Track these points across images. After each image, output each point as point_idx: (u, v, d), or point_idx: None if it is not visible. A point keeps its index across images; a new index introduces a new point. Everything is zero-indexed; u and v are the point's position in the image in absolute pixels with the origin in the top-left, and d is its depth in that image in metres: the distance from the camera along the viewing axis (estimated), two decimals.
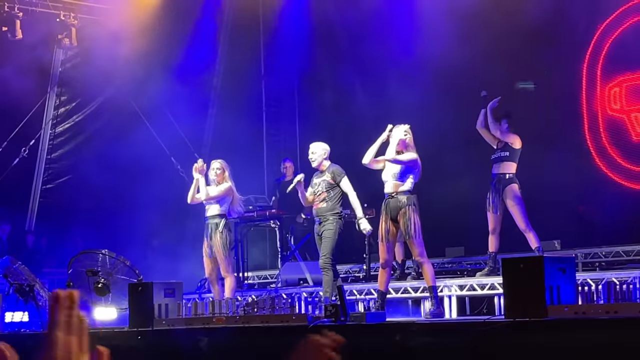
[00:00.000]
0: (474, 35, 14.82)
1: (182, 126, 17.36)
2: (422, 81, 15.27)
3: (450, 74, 15.00)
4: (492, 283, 11.11)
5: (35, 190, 17.14)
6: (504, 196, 11.21)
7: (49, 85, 17.03)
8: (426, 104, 14.95)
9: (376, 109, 16.36)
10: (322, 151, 11.18)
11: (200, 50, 17.68)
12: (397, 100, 15.46)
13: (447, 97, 15.11)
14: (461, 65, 14.79)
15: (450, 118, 14.57)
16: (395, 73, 15.63)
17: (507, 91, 14.07)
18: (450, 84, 15.11)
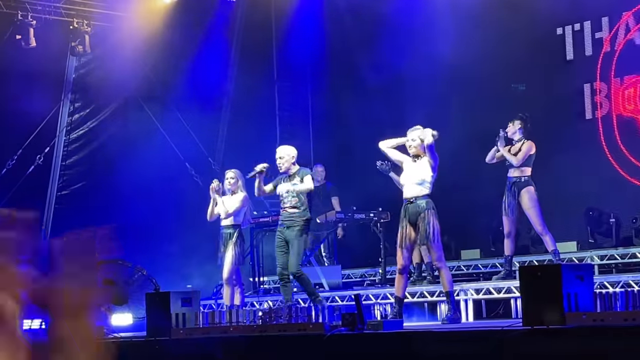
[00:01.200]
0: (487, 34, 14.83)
1: (196, 131, 17.40)
2: (437, 83, 15.27)
3: (465, 75, 15.00)
4: (509, 286, 11.10)
5: (50, 197, 17.18)
6: (520, 199, 11.19)
7: (63, 92, 17.07)
8: (441, 106, 14.95)
9: (391, 112, 16.36)
10: (290, 156, 11.09)
11: (213, 56, 17.72)
12: (412, 103, 15.47)
13: (463, 99, 15.11)
14: (477, 65, 14.79)
15: (466, 120, 14.57)
16: (410, 75, 15.63)
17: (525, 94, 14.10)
18: (466, 85, 15.10)
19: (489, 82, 14.88)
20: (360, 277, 14.85)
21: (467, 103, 15.00)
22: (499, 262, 12.90)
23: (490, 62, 14.83)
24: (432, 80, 15.34)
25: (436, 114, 14.39)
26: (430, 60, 15.30)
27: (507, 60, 14.72)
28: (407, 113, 15.76)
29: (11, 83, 15.66)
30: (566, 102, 14.19)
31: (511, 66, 14.68)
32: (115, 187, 16.44)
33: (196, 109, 17.34)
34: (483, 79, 14.90)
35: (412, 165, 9.62)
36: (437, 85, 15.31)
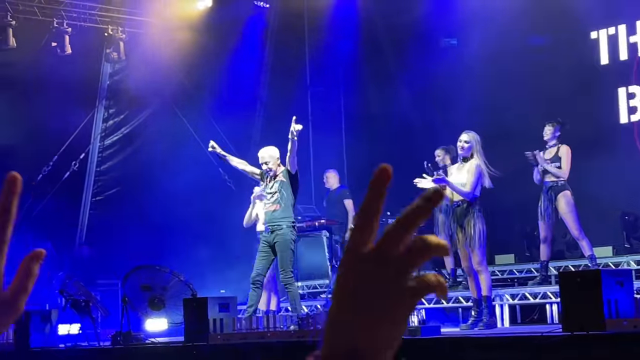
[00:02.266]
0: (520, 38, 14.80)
1: (229, 136, 17.46)
2: (469, 86, 15.25)
3: (497, 78, 14.97)
4: (545, 292, 11.06)
5: (85, 202, 17.31)
6: (557, 204, 11.13)
7: (98, 99, 17.21)
8: (473, 109, 14.92)
9: (423, 117, 16.37)
10: (275, 157, 10.93)
11: (246, 61, 17.79)
12: (445, 107, 15.47)
13: (495, 102, 15.08)
14: (509, 68, 14.76)
15: (499, 123, 14.53)
16: (443, 79, 15.62)
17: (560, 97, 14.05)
18: (498, 88, 15.06)
19: (521, 85, 14.83)
20: None
21: (499, 106, 14.95)
22: (534, 267, 12.86)
23: (523, 66, 14.79)
24: (464, 84, 15.32)
25: (468, 117, 14.36)
26: (463, 64, 15.30)
27: (540, 64, 14.68)
28: (439, 117, 15.77)
29: (47, 90, 15.81)
30: (601, 107, 14.13)
31: (545, 70, 14.63)
32: (149, 193, 16.53)
33: (229, 114, 17.40)
34: (514, 81, 14.86)
35: (458, 168, 9.61)
36: (469, 88, 15.28)
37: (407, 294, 1.23)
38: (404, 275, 1.23)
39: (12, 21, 15.44)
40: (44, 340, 10.28)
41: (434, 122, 16.05)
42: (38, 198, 16.06)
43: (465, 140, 9.60)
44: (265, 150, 10.94)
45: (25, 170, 16.06)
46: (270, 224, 10.58)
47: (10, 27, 15.41)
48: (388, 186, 1.29)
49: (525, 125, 13.18)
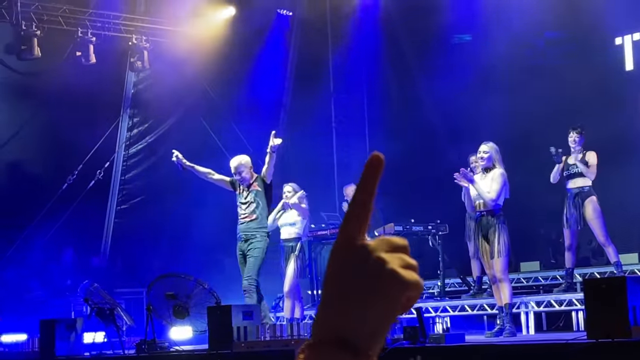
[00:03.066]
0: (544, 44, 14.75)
1: (253, 144, 17.48)
2: (492, 93, 15.21)
3: (520, 85, 14.92)
4: (570, 299, 11.00)
5: (110, 211, 17.37)
6: (584, 210, 11.06)
7: (122, 108, 17.28)
8: (496, 117, 14.88)
9: (446, 123, 16.34)
10: (248, 167, 10.96)
11: (270, 69, 17.83)
12: (469, 113, 15.43)
13: (518, 109, 15.03)
14: (531, 77, 14.72)
15: (522, 131, 14.49)
16: (466, 87, 15.58)
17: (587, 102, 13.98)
18: (520, 96, 15.02)
19: (544, 90, 14.78)
20: None
21: (522, 112, 14.90)
22: (559, 274, 12.79)
23: (546, 72, 14.74)
24: (488, 90, 15.29)
25: (491, 125, 14.33)
26: (486, 70, 15.26)
27: (564, 69, 14.62)
28: (462, 125, 15.73)
29: (71, 99, 15.89)
30: (625, 112, 14.05)
31: (569, 75, 14.56)
32: (174, 201, 16.59)
33: (253, 122, 17.43)
34: (538, 87, 14.81)
35: (481, 178, 9.59)
36: (492, 94, 15.24)
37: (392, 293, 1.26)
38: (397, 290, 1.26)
39: (37, 31, 15.54)
40: (69, 349, 10.32)
41: (458, 128, 16.01)
42: (63, 207, 16.14)
43: (484, 151, 9.60)
44: (236, 160, 10.97)
45: (51, 179, 16.18)
46: (245, 233, 10.67)
47: (35, 37, 15.52)
48: (380, 173, 1.31)
49: (548, 131, 13.12)
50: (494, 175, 9.49)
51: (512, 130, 14.55)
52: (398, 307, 1.30)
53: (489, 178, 9.50)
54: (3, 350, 11.41)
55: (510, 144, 13.28)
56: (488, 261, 9.51)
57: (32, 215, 15.89)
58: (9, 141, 16.13)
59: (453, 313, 12.24)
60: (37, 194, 15.94)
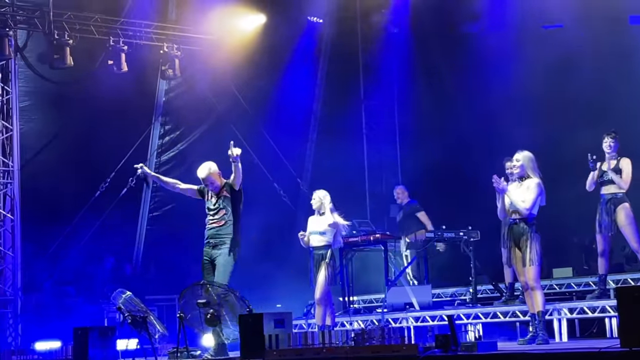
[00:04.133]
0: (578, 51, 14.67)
1: (284, 152, 17.53)
2: (524, 101, 15.16)
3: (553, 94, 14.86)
4: (603, 306, 10.92)
5: (142, 218, 17.47)
6: (616, 216, 10.99)
7: (154, 115, 17.38)
8: (529, 123, 14.83)
9: (478, 130, 16.28)
10: (216, 173, 10.89)
11: (301, 76, 17.86)
12: (499, 122, 15.37)
13: (549, 116, 14.98)
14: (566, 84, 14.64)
15: (555, 138, 14.43)
16: (497, 94, 15.54)
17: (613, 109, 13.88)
18: (554, 103, 14.95)
19: (576, 95, 14.71)
20: (450, 297, 14.76)
21: (554, 118, 14.85)
22: (592, 280, 12.71)
23: (578, 77, 14.64)
24: (519, 99, 15.24)
25: (523, 132, 14.27)
26: (517, 80, 15.20)
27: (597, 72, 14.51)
28: (494, 132, 15.67)
29: (104, 108, 16.00)
30: None
31: (600, 81, 14.47)
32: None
33: (284, 129, 17.48)
34: (570, 91, 14.73)
35: (516, 186, 9.55)
36: (524, 103, 15.20)
37: None
38: None
39: (69, 40, 15.66)
40: (102, 356, 10.36)
41: (488, 135, 15.96)
42: (95, 214, 16.23)
43: (517, 160, 9.55)
44: (205, 170, 10.90)
45: (83, 187, 16.28)
46: (214, 239, 10.62)
47: (67, 46, 15.64)
48: None
49: (580, 136, 13.03)
50: (529, 184, 9.43)
51: (544, 137, 14.48)
52: None
53: (525, 187, 9.45)
54: (37, 358, 11.48)
55: (543, 150, 13.21)
56: (520, 269, 9.47)
57: (65, 223, 16.00)
58: (42, 150, 16.26)
59: (485, 320, 12.19)
60: (70, 202, 16.06)
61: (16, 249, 15.24)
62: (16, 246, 15.26)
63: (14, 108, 15.56)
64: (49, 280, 15.90)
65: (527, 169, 9.49)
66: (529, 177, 9.49)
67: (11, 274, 15.15)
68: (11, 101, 15.53)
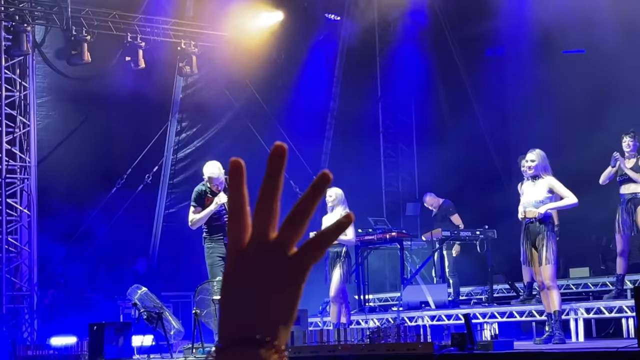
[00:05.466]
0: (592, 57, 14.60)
1: (300, 149, 17.50)
2: (541, 96, 15.10)
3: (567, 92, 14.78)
4: (620, 306, 10.86)
5: (158, 215, 17.48)
6: (636, 216, 10.93)
7: (171, 112, 17.38)
8: (545, 123, 14.77)
9: (495, 130, 16.24)
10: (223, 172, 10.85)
11: (317, 74, 17.84)
12: (517, 121, 15.33)
13: (569, 113, 14.91)
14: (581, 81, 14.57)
15: (573, 134, 14.38)
16: (514, 91, 15.49)
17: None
18: (571, 100, 14.88)
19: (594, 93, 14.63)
20: (466, 296, 14.71)
21: (571, 116, 14.79)
22: (609, 280, 12.65)
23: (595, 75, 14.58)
24: (536, 98, 15.18)
25: (540, 131, 14.23)
26: (534, 76, 15.15)
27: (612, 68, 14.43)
28: (511, 131, 15.62)
29: (120, 104, 16.02)
30: None
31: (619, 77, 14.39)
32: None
33: (301, 126, 17.45)
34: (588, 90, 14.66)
35: (531, 185, 9.50)
36: (540, 102, 15.13)
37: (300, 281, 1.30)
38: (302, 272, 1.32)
39: (87, 36, 15.68)
40: (117, 352, 10.39)
41: (506, 134, 15.92)
42: (111, 211, 16.25)
43: (531, 160, 9.48)
44: (218, 170, 10.96)
45: (100, 183, 16.31)
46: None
47: (85, 42, 15.65)
48: (284, 164, 1.34)
49: (598, 134, 12.97)
50: (551, 182, 9.38)
51: (561, 135, 14.43)
52: (300, 294, 1.34)
53: (541, 186, 9.39)
54: (53, 353, 11.51)
55: (559, 149, 13.18)
56: (536, 268, 9.43)
57: (81, 219, 16.02)
58: (59, 146, 16.28)
59: (501, 319, 12.15)
60: (87, 198, 16.08)
61: (32, 245, 15.28)
62: (32, 242, 15.29)
63: (32, 104, 15.59)
64: (65, 276, 15.94)
65: (542, 168, 9.45)
66: (542, 176, 9.43)
67: (27, 270, 15.18)
68: (28, 97, 15.55)
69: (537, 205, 9.38)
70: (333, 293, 11.39)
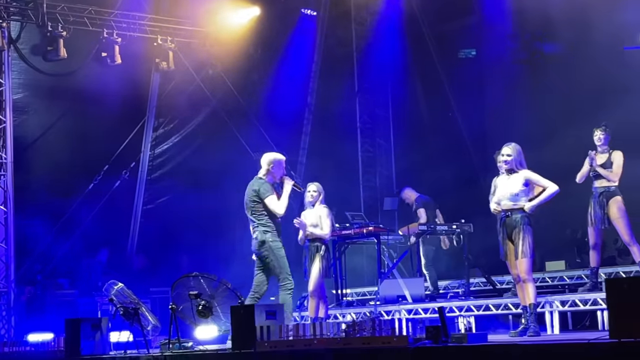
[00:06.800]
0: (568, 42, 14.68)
1: (278, 144, 17.49)
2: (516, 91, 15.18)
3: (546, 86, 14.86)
4: (595, 299, 10.94)
5: (136, 211, 17.46)
6: (608, 210, 10.99)
7: (148, 108, 17.36)
8: (522, 115, 14.85)
9: (472, 125, 16.30)
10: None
11: (295, 69, 17.85)
12: (492, 115, 15.39)
13: (545, 108, 14.99)
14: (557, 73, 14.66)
15: (549, 128, 14.44)
16: (491, 85, 15.56)
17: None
18: (546, 94, 14.96)
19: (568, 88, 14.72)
20: (444, 289, 14.78)
21: (547, 111, 14.87)
22: (585, 273, 12.73)
23: (569, 71, 14.65)
24: (512, 94, 15.26)
25: (517, 126, 14.29)
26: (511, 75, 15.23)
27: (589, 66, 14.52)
28: (489, 126, 15.69)
29: (97, 100, 16.00)
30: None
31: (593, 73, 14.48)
32: (200, 201, 16.61)
33: (278, 122, 17.46)
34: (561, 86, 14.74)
35: (506, 179, 9.53)
36: (515, 92, 15.22)
37: None
38: None
39: (63, 32, 15.64)
40: (94, 348, 10.36)
41: (483, 129, 15.97)
42: (89, 207, 16.22)
43: (507, 154, 9.51)
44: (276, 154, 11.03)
45: (77, 179, 16.27)
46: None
47: (61, 38, 15.62)
48: None
49: (573, 129, 13.04)
50: (526, 175, 9.40)
51: (537, 130, 14.49)
52: None
53: (516, 180, 9.42)
54: (29, 350, 11.48)
55: (536, 143, 13.24)
56: (512, 261, 9.47)
57: (58, 216, 15.99)
58: (36, 142, 16.24)
59: (477, 312, 12.21)
60: (64, 194, 16.05)
61: (9, 242, 15.22)
62: (9, 238, 15.24)
63: (7, 100, 15.52)
64: (42, 272, 15.90)
65: (517, 162, 9.47)
66: (517, 170, 9.46)
67: (4, 267, 15.13)
68: (4, 93, 15.49)
69: (512, 199, 9.41)
70: (312, 288, 11.39)
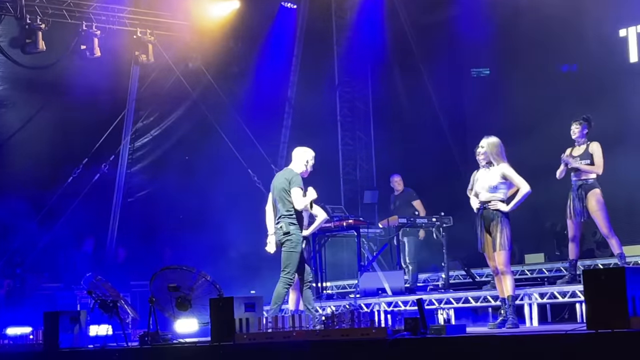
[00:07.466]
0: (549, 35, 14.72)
1: (258, 138, 17.48)
2: (496, 85, 15.21)
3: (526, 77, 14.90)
4: (574, 291, 10.98)
5: (115, 204, 17.40)
6: (587, 202, 11.02)
7: (127, 101, 17.29)
8: (502, 108, 14.89)
9: (453, 117, 16.33)
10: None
11: (275, 63, 17.83)
12: (474, 109, 15.42)
13: (524, 101, 15.03)
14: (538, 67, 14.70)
15: (528, 121, 14.49)
16: (470, 78, 15.60)
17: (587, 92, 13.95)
18: (525, 88, 15.01)
19: (547, 82, 14.77)
20: (423, 282, 14.81)
21: (526, 104, 14.91)
22: (564, 266, 12.78)
23: (552, 65, 14.71)
24: (491, 82, 15.30)
25: (497, 120, 14.33)
26: (489, 62, 15.26)
27: (568, 61, 14.59)
28: (468, 118, 15.72)
29: (77, 93, 15.92)
30: (630, 104, 14.01)
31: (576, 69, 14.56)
32: (179, 195, 16.59)
33: (259, 115, 17.44)
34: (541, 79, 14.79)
35: (485, 172, 9.55)
36: (495, 87, 15.25)
37: None
38: None
39: (41, 24, 15.57)
40: (73, 341, 10.34)
41: (463, 123, 16.01)
42: (68, 201, 16.16)
43: (481, 146, 9.53)
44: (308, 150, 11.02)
45: (56, 173, 16.20)
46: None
47: (39, 31, 15.54)
48: None
49: (552, 122, 13.09)
50: (502, 170, 9.40)
51: (516, 123, 14.54)
52: None
53: (494, 173, 9.43)
54: (7, 343, 11.44)
55: (515, 136, 13.27)
56: (490, 254, 9.49)
57: (37, 209, 15.93)
58: (14, 135, 16.17)
59: (457, 305, 12.25)
60: (43, 187, 15.99)
61: None
62: None
63: None
64: (21, 265, 15.83)
65: (492, 155, 9.46)
66: (495, 163, 9.47)
67: None
68: None
69: (491, 191, 9.43)
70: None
